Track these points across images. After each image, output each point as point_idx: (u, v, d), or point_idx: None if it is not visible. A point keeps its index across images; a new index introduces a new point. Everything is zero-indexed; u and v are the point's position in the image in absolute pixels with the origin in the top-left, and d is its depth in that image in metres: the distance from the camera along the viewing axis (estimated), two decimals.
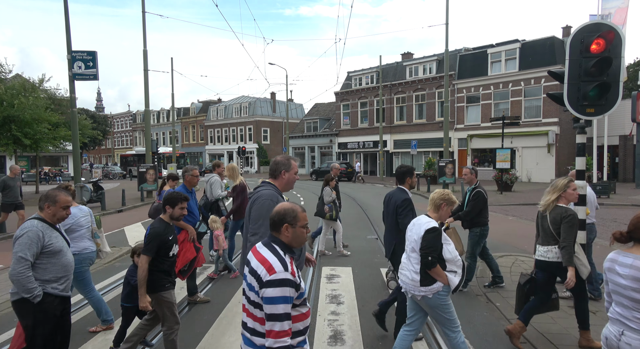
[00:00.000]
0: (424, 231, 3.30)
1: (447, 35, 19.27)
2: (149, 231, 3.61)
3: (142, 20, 19.29)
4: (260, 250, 2.23)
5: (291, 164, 3.15)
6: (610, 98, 4.97)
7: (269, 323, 2.04)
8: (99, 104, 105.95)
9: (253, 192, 3.19)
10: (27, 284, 2.93)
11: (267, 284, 2.07)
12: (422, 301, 3.37)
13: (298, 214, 2.24)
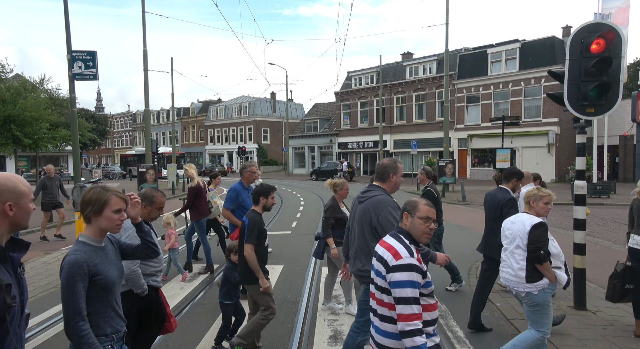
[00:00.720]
0: (530, 227, 3.34)
1: (447, 35, 19.28)
2: (248, 221, 3.79)
3: (142, 20, 19.31)
4: (387, 239, 2.37)
5: (398, 167, 3.36)
6: (611, 98, 4.97)
7: (399, 307, 2.12)
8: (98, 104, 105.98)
9: (365, 196, 3.34)
10: (139, 281, 3.05)
11: (394, 268, 2.18)
12: (526, 298, 3.38)
13: (419, 205, 2.32)
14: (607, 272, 6.62)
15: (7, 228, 1.65)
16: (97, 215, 2.15)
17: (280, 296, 5.70)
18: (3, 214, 1.62)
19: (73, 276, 1.98)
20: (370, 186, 3.40)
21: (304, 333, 4.48)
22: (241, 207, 5.63)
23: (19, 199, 1.65)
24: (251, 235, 3.73)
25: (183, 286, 6.21)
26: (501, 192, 4.50)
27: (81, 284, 2.00)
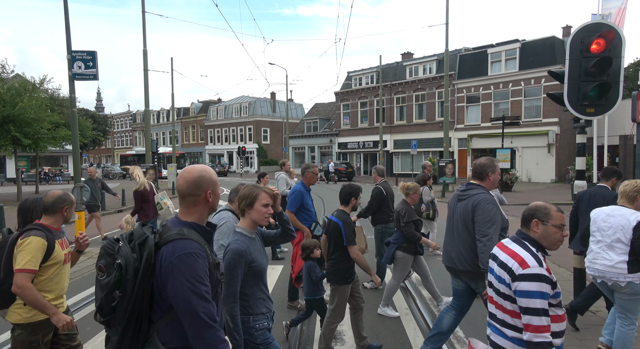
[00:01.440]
0: (635, 222, 3.42)
1: (447, 35, 19.28)
2: (343, 223, 3.83)
3: (142, 20, 19.31)
4: (509, 245, 2.29)
5: (495, 165, 3.46)
6: (611, 98, 4.97)
7: (526, 317, 2.06)
8: (98, 104, 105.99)
9: (465, 194, 3.45)
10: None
11: (520, 277, 2.11)
12: (627, 287, 3.48)
13: (551, 212, 2.22)
14: None
15: (207, 213, 1.92)
16: (250, 208, 2.48)
17: (280, 296, 5.70)
18: (205, 201, 1.87)
19: (235, 263, 2.31)
20: (469, 184, 3.52)
21: (304, 333, 4.48)
22: (304, 210, 5.32)
23: (214, 187, 1.91)
24: (350, 236, 3.80)
25: None
26: (603, 189, 4.51)
27: (240, 270, 2.33)
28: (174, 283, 1.65)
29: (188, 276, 1.65)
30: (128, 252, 1.68)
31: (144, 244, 1.70)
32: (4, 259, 2.69)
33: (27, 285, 2.57)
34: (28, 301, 2.61)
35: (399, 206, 5.05)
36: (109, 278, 1.68)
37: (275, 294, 5.76)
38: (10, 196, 20.76)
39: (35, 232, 2.71)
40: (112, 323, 1.70)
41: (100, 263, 1.73)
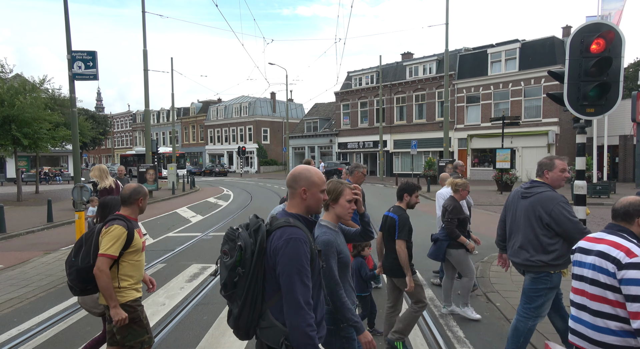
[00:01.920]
0: None
1: (447, 35, 19.28)
2: (398, 218, 3.89)
3: (142, 20, 19.31)
4: (605, 237, 2.35)
5: (554, 163, 3.45)
6: (610, 98, 4.97)
7: (636, 305, 2.10)
8: (99, 104, 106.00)
9: (530, 192, 3.48)
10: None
11: (628, 266, 2.16)
12: None
13: None
14: None
15: (305, 209, 2.10)
16: (334, 203, 2.54)
17: None
18: (300, 197, 2.08)
19: (328, 253, 2.33)
20: (533, 181, 3.56)
21: None
22: None
23: (311, 187, 2.07)
24: (402, 231, 3.85)
25: (183, 286, 6.21)
26: None
27: (333, 260, 2.35)
28: (280, 263, 1.91)
29: (292, 258, 1.89)
30: (246, 236, 1.98)
31: (257, 230, 1.99)
32: (93, 248, 3.01)
33: (105, 270, 2.86)
34: (101, 285, 2.87)
35: (447, 202, 4.98)
36: (232, 259, 1.97)
37: None
38: (10, 196, 20.76)
39: (118, 221, 3.00)
40: (232, 297, 2.00)
41: (225, 248, 2.04)
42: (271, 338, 1.95)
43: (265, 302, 1.98)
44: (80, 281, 3.01)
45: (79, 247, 3.08)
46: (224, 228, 11.36)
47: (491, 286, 5.95)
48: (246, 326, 1.98)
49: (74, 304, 5.53)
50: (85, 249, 3.03)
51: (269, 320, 1.97)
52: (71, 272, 3.03)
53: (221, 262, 2.06)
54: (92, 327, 4.74)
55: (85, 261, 2.99)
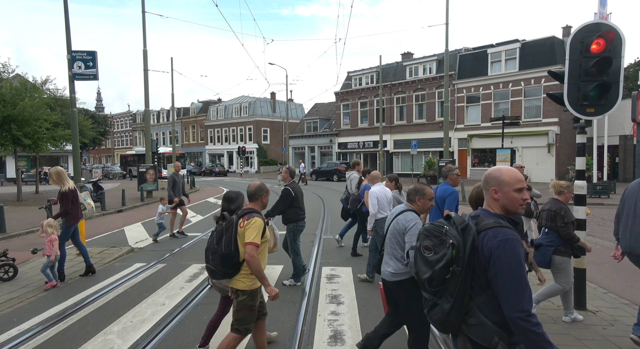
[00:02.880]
0: None
1: (447, 35, 19.27)
2: None
3: (142, 20, 19.31)
4: None
5: None
6: (611, 98, 4.97)
7: None
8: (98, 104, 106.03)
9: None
10: None
11: None
12: None
13: None
14: (607, 272, 6.64)
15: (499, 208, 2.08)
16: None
17: (280, 296, 5.70)
18: (491, 197, 2.08)
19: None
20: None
21: (304, 333, 4.49)
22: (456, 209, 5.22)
23: (500, 186, 2.06)
24: None
25: (183, 286, 6.21)
26: None
27: None
28: (494, 263, 1.91)
29: (511, 259, 1.89)
30: (456, 234, 1.99)
31: (465, 229, 2.00)
32: (233, 237, 3.37)
33: (255, 255, 3.25)
34: (254, 269, 3.26)
35: (555, 205, 4.63)
36: (437, 256, 2.02)
37: None
38: (10, 196, 20.77)
39: (257, 214, 3.41)
40: (440, 293, 2.03)
41: (426, 243, 2.09)
42: (481, 336, 1.97)
43: (472, 299, 2.01)
44: (223, 266, 3.37)
45: (220, 236, 3.41)
46: None
47: None
48: (455, 321, 2.01)
49: (74, 304, 5.54)
50: (227, 238, 3.37)
51: (477, 318, 1.98)
52: (214, 258, 3.39)
53: (419, 257, 2.12)
54: (92, 327, 4.74)
55: (227, 247, 3.34)
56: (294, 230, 6.25)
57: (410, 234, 3.35)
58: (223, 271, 3.39)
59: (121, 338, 4.42)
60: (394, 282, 3.46)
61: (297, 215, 6.22)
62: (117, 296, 5.85)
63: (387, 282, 3.53)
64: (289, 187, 6.21)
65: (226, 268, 3.38)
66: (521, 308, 1.87)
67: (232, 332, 3.44)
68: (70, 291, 6.13)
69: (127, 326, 4.75)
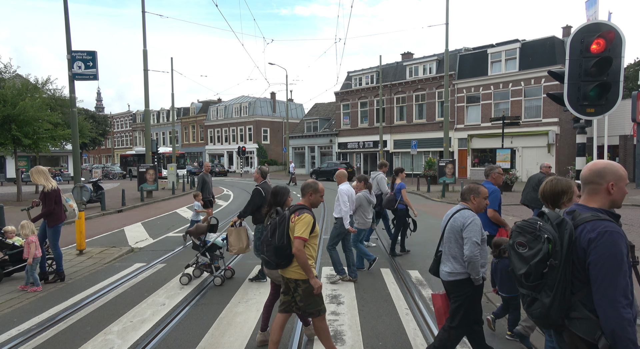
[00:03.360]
0: None
1: (447, 35, 19.27)
2: None
3: (142, 20, 19.31)
4: None
5: None
6: (611, 98, 4.97)
7: None
8: (98, 104, 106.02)
9: None
10: (478, 267, 3.37)
11: None
12: None
13: None
14: None
15: (608, 203, 2.07)
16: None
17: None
18: (606, 191, 2.06)
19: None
20: None
21: (303, 334, 4.48)
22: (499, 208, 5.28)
23: (618, 181, 2.04)
24: None
25: (183, 286, 6.21)
26: None
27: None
28: (590, 253, 1.91)
29: (610, 251, 1.87)
30: (551, 229, 2.01)
31: (561, 224, 2.01)
32: (286, 231, 3.60)
33: (302, 249, 3.48)
34: (300, 262, 3.50)
35: None
36: (532, 251, 2.05)
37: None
38: (10, 196, 20.76)
39: (307, 210, 3.66)
40: (538, 287, 2.05)
41: (520, 240, 2.13)
42: (584, 330, 1.95)
43: (573, 294, 2.00)
44: (276, 257, 3.60)
45: (274, 229, 3.66)
46: (224, 228, 11.36)
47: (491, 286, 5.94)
48: (558, 315, 2.01)
49: (74, 304, 5.54)
50: (280, 231, 3.61)
51: (581, 312, 1.97)
52: (269, 249, 3.65)
53: (514, 254, 2.16)
54: (92, 327, 4.74)
55: (280, 240, 3.58)
56: (262, 231, 6.17)
57: (469, 230, 3.40)
58: (276, 262, 3.62)
59: (121, 338, 4.42)
60: (450, 281, 3.50)
61: (263, 216, 6.17)
62: (117, 296, 5.85)
63: (444, 282, 3.58)
64: (259, 187, 6.23)
65: (279, 259, 3.60)
66: (613, 298, 1.84)
67: (310, 317, 3.77)
68: (70, 291, 6.13)
69: (127, 326, 4.75)
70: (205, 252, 6.47)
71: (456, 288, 3.47)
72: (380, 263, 7.34)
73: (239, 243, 6.06)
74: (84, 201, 9.56)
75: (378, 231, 10.05)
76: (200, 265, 6.48)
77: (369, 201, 6.88)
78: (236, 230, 6.08)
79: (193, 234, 6.57)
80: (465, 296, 3.43)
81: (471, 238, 3.36)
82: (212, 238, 6.55)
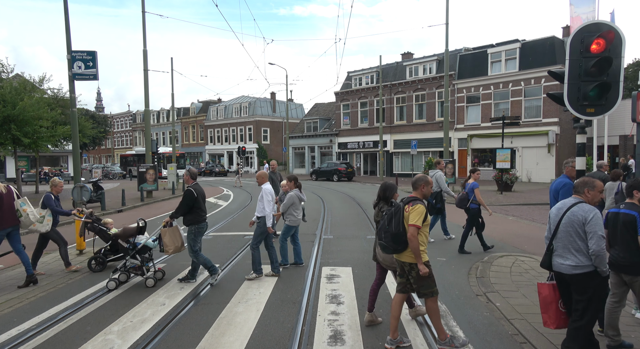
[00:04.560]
0: None
1: (447, 35, 19.26)
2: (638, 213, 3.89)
3: (142, 20, 19.31)
4: None
5: None
6: (611, 98, 4.97)
7: None
8: (98, 104, 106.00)
9: None
10: (605, 260, 3.45)
11: None
12: None
13: None
14: None
15: None
16: None
17: (280, 296, 5.70)
18: None
19: None
20: None
21: (304, 333, 4.49)
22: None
23: None
24: None
25: (183, 286, 6.21)
26: None
27: None
28: None
29: None
30: None
31: None
32: (401, 220, 4.01)
33: (416, 235, 3.91)
34: (413, 247, 3.92)
35: None
36: None
37: (274, 294, 5.76)
38: None
39: (420, 201, 4.06)
40: None
41: None
42: None
43: None
44: (394, 243, 4.03)
45: (390, 218, 4.08)
46: (224, 228, 11.36)
47: (491, 286, 5.95)
48: None
49: (74, 304, 5.54)
50: (396, 220, 4.03)
51: None
52: (386, 236, 4.07)
53: None
54: (92, 327, 4.74)
55: (397, 228, 4.00)
56: (194, 232, 6.24)
57: (592, 224, 3.46)
58: (394, 247, 4.04)
59: (121, 338, 4.42)
60: (575, 275, 3.55)
61: (199, 216, 6.24)
62: (117, 296, 5.85)
63: (565, 275, 3.63)
64: (191, 188, 6.21)
65: (396, 244, 4.02)
66: None
67: (423, 298, 4.10)
68: (70, 291, 6.13)
69: (127, 326, 4.75)
70: (135, 254, 6.43)
71: (583, 281, 3.53)
72: None
73: (174, 243, 6.17)
74: (83, 201, 9.53)
75: None
76: (130, 268, 6.41)
77: (300, 199, 7.11)
78: (170, 230, 6.17)
79: (121, 237, 6.57)
80: (593, 288, 3.51)
81: (597, 232, 3.44)
82: (142, 240, 6.57)
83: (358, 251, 8.31)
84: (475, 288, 5.94)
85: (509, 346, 4.17)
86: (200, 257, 6.26)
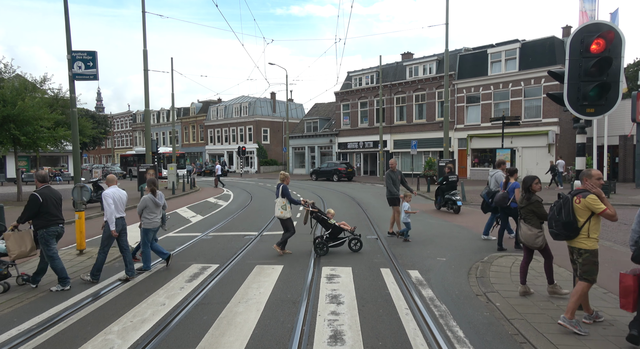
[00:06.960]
0: None
1: (447, 35, 19.27)
2: None
3: (142, 20, 19.31)
4: None
5: None
6: (610, 98, 4.97)
7: None
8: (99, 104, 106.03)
9: None
10: None
11: None
12: None
13: None
14: (607, 272, 6.63)
15: None
16: None
17: (280, 296, 5.70)
18: None
19: None
20: None
21: (304, 333, 4.49)
22: None
23: None
24: None
25: (183, 286, 6.21)
26: None
27: None
28: None
29: None
30: None
31: None
32: (571, 210, 4.38)
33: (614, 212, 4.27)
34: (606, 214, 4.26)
35: None
36: None
37: (274, 294, 5.76)
38: (10, 196, 20.76)
39: (588, 192, 4.35)
40: None
41: None
42: None
43: None
44: (565, 230, 4.42)
45: (560, 208, 4.48)
46: (224, 228, 11.36)
47: (491, 286, 5.95)
48: None
49: (74, 304, 5.55)
50: (565, 210, 4.41)
51: None
52: (557, 225, 4.48)
53: None
54: (92, 327, 4.74)
55: (567, 217, 4.37)
56: (44, 236, 6.14)
57: None
58: (565, 234, 4.45)
59: (121, 338, 4.42)
60: None
61: (48, 221, 6.15)
62: (117, 296, 5.85)
63: None
64: (37, 193, 6.14)
65: (568, 232, 4.41)
66: None
67: (582, 281, 4.38)
68: (70, 291, 6.14)
69: (127, 326, 4.76)
70: None
71: None
72: (380, 263, 7.34)
73: (20, 247, 6.10)
74: (83, 201, 9.53)
75: (379, 232, 10.02)
76: None
77: (155, 203, 7.29)
78: (17, 235, 6.12)
79: None
80: None
81: None
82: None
83: (358, 251, 8.31)
84: (475, 288, 5.94)
85: (509, 346, 4.17)
86: (55, 262, 6.15)
